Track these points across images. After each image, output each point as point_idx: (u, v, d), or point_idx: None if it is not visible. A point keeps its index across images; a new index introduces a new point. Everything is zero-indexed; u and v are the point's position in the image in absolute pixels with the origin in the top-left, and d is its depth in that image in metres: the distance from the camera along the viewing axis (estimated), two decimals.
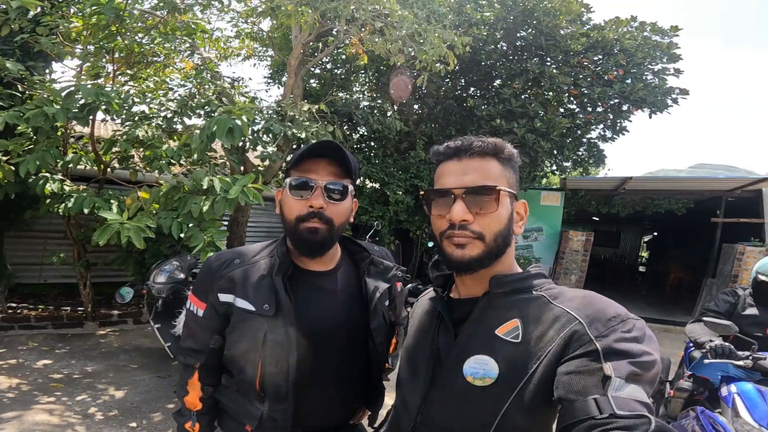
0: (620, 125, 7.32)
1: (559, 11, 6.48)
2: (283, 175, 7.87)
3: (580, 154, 8.25)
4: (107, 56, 3.88)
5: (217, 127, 2.92)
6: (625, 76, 6.58)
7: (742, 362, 2.05)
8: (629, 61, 6.53)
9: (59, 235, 4.86)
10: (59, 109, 2.97)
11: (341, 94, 7.37)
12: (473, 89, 7.92)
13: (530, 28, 6.66)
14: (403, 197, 6.54)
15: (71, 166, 3.59)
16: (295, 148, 6.92)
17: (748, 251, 7.19)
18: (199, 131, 3.08)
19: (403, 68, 5.92)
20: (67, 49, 3.86)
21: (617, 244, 15.69)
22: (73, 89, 3.07)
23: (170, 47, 4.69)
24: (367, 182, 6.85)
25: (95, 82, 3.51)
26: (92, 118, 3.41)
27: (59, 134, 3.62)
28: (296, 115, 4.17)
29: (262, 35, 6.85)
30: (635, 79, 6.59)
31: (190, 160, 3.84)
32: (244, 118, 3.04)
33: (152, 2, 4.37)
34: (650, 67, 6.76)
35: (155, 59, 4.85)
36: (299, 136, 4.03)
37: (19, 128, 3.26)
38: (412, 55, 4.72)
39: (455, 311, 0.85)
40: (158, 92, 4.51)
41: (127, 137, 3.54)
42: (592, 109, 6.93)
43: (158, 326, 3.33)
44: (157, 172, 3.73)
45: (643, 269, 17.29)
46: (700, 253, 9.64)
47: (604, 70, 6.59)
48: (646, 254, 18.60)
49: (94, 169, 4.05)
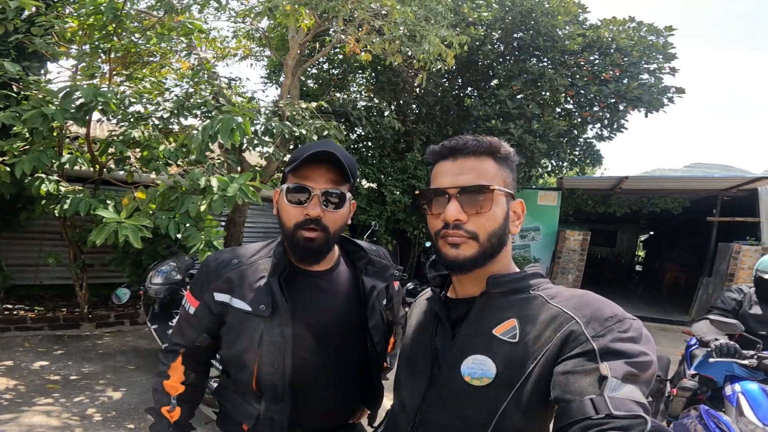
0: (617, 124, 7.35)
1: (557, 12, 6.50)
2: (280, 175, 7.86)
3: (576, 153, 8.28)
4: (103, 56, 3.86)
5: (220, 126, 2.91)
6: (621, 75, 6.61)
7: (747, 361, 2.05)
8: (625, 60, 6.56)
9: (55, 236, 4.83)
10: (57, 110, 2.95)
11: (338, 94, 7.36)
12: (470, 89, 7.94)
13: (528, 28, 6.68)
14: (400, 197, 6.54)
15: (67, 166, 3.58)
16: (292, 147, 6.92)
17: (744, 250, 7.23)
18: (199, 131, 3.07)
19: (401, 68, 5.92)
20: (62, 49, 3.84)
21: (614, 243, 15.74)
22: (70, 89, 3.06)
23: (166, 47, 4.67)
24: (364, 182, 6.85)
25: (91, 82, 3.49)
26: (88, 118, 3.39)
27: (55, 135, 3.60)
28: (295, 114, 4.17)
29: (259, 35, 6.84)
30: (631, 78, 6.62)
31: (187, 160, 3.83)
32: (247, 117, 3.03)
33: (149, 2, 4.36)
34: (646, 66, 6.79)
35: (151, 59, 4.84)
36: (300, 133, 4.02)
37: (14, 129, 3.25)
38: (409, 54, 4.72)
39: (453, 311, 0.85)
40: (154, 92, 4.49)
41: (123, 138, 3.52)
42: (588, 108, 6.95)
43: (155, 327, 3.32)
44: (154, 173, 3.72)
45: (639, 268, 17.35)
46: (696, 252, 9.68)
47: (600, 69, 6.62)
48: (642, 253, 18.67)
49: (89, 169, 4.03)
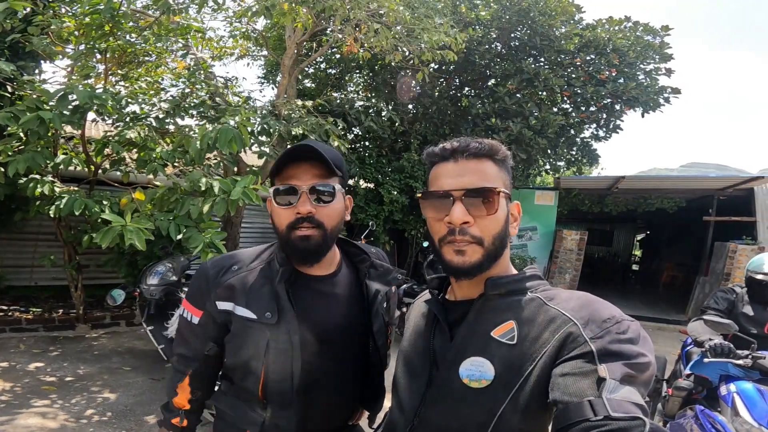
0: (613, 124, 7.36)
1: (554, 11, 6.51)
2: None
3: (573, 153, 8.30)
4: (99, 56, 3.84)
5: (220, 136, 2.90)
6: (617, 75, 6.62)
7: (741, 361, 2.05)
8: (621, 60, 6.58)
9: (50, 237, 4.81)
10: (55, 114, 2.93)
11: (335, 93, 7.35)
12: (467, 89, 7.95)
13: (525, 27, 6.69)
14: (397, 197, 6.53)
15: (61, 167, 3.55)
16: (289, 146, 6.88)
17: (740, 249, 7.27)
18: (197, 137, 3.06)
19: (400, 67, 5.92)
20: (58, 48, 3.81)
21: (610, 242, 15.80)
22: (65, 91, 3.03)
23: (162, 47, 4.65)
24: (361, 182, 6.84)
25: (86, 82, 3.48)
26: (83, 119, 3.37)
27: (50, 135, 3.58)
28: (291, 113, 4.16)
29: (255, 35, 6.83)
30: (627, 78, 6.64)
31: (182, 161, 3.81)
32: (246, 127, 3.03)
33: (145, 2, 4.34)
34: (642, 66, 6.82)
35: (147, 59, 4.82)
36: (297, 132, 4.01)
37: (9, 129, 3.22)
38: (407, 54, 4.72)
39: (451, 313, 0.85)
40: (150, 92, 4.47)
41: (119, 138, 3.50)
42: (585, 108, 6.97)
43: (151, 328, 3.31)
44: (152, 174, 3.70)
45: (636, 268, 17.41)
46: (692, 251, 9.72)
47: (596, 69, 6.63)
48: (639, 253, 18.73)
49: (84, 170, 4.00)
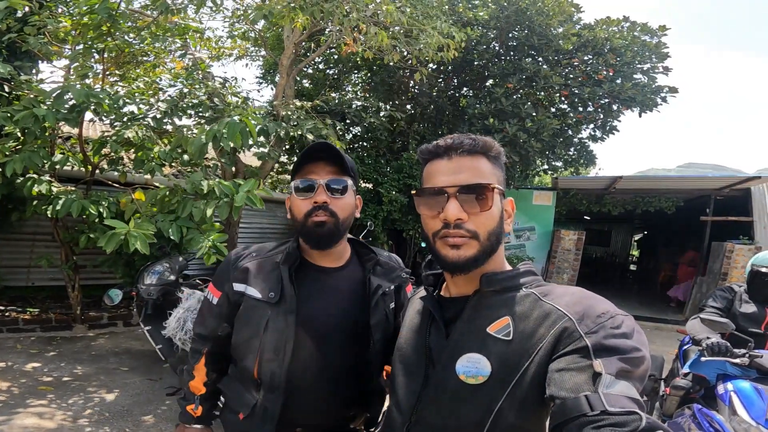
0: (610, 125, 7.38)
1: (552, 11, 6.52)
2: (276, 175, 7.82)
3: (570, 154, 8.31)
4: (96, 56, 3.83)
5: (227, 130, 2.88)
6: (614, 75, 6.64)
7: (738, 360, 2.05)
8: (619, 60, 6.59)
9: (47, 237, 4.79)
10: (48, 111, 2.93)
11: (333, 93, 7.36)
12: (465, 89, 7.96)
13: (523, 27, 6.70)
14: (396, 197, 6.54)
15: (58, 167, 3.55)
16: (287, 147, 6.89)
17: (737, 249, 7.29)
18: (201, 132, 3.04)
19: (399, 64, 5.92)
20: (54, 48, 3.80)
21: (608, 242, 15.83)
22: (62, 90, 3.03)
23: (160, 47, 4.65)
24: (360, 182, 6.84)
25: (83, 82, 3.47)
26: (81, 118, 3.37)
27: (47, 135, 3.57)
28: (290, 113, 4.15)
29: (254, 35, 6.82)
30: (625, 78, 6.66)
31: (180, 160, 3.81)
32: (252, 121, 3.00)
33: (143, 2, 4.34)
34: (639, 66, 6.83)
35: (145, 59, 4.81)
36: (296, 134, 4.00)
37: (6, 129, 3.21)
38: (405, 54, 4.72)
39: (446, 310, 0.85)
40: (148, 92, 4.46)
41: (117, 138, 3.50)
42: (582, 108, 6.98)
43: (148, 328, 3.29)
44: (149, 174, 3.70)
45: (634, 267, 17.45)
46: (689, 251, 9.74)
47: (594, 69, 6.65)
48: (636, 253, 18.78)
49: (81, 170, 3.99)
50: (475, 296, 0.80)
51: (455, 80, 7.89)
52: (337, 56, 7.48)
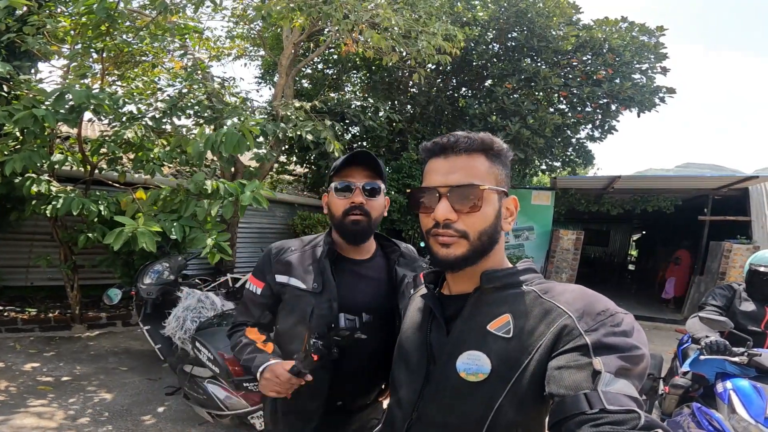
0: (608, 125, 7.39)
1: (551, 12, 6.53)
2: (277, 175, 7.81)
3: (569, 154, 8.31)
4: (95, 56, 3.83)
5: (225, 139, 2.90)
6: (613, 75, 6.65)
7: (737, 358, 2.05)
8: (617, 60, 6.61)
9: (46, 236, 4.78)
10: (48, 111, 2.92)
11: (333, 94, 7.36)
12: (465, 89, 7.96)
13: (523, 28, 6.70)
14: (395, 197, 6.54)
15: (57, 166, 3.54)
16: (286, 147, 6.89)
17: (735, 249, 7.29)
18: (200, 140, 3.04)
19: (398, 65, 5.92)
20: (53, 48, 3.80)
21: (607, 242, 15.81)
22: (62, 91, 3.03)
23: (159, 47, 4.64)
24: None
25: (82, 82, 3.47)
26: (80, 119, 3.36)
27: (46, 134, 3.57)
28: (289, 113, 4.15)
29: (253, 35, 6.82)
30: (623, 78, 6.67)
31: (179, 160, 3.80)
32: (252, 123, 3.02)
33: (142, 1, 4.33)
34: (638, 66, 6.84)
35: (143, 59, 4.80)
36: (296, 134, 3.99)
37: (5, 128, 3.21)
38: (404, 55, 4.72)
39: (447, 308, 0.85)
40: (147, 92, 4.46)
41: (116, 138, 3.49)
42: (581, 108, 6.99)
43: (148, 328, 3.29)
44: (150, 174, 3.69)
45: (632, 267, 17.46)
46: (688, 251, 9.75)
47: (593, 69, 6.66)
48: (635, 252, 18.79)
49: (80, 169, 3.99)
50: (475, 293, 0.81)
51: (454, 80, 7.89)
52: (336, 56, 7.48)
